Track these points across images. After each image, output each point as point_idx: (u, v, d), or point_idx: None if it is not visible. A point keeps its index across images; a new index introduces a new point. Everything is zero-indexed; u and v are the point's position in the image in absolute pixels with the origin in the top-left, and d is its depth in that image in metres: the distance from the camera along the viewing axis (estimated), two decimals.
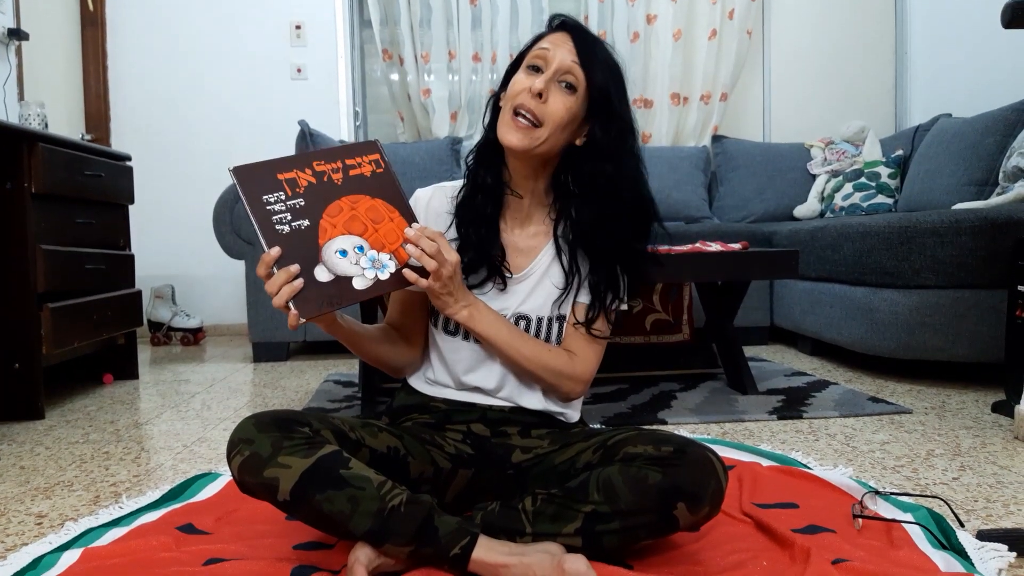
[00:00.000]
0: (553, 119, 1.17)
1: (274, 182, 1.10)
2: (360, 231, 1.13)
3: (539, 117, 1.17)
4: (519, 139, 1.17)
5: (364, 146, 1.20)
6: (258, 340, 3.27)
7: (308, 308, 1.05)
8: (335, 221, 1.12)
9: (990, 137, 3.00)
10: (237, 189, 1.08)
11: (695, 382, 2.56)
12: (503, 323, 1.23)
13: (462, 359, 1.27)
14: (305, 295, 1.06)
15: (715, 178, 4.14)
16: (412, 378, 1.33)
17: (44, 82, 3.58)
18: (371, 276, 1.11)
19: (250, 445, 1.05)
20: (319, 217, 1.11)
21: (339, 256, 1.10)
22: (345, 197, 1.14)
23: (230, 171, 1.08)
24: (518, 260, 1.28)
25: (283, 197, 1.09)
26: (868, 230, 2.53)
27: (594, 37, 1.22)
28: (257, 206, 1.07)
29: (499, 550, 1.05)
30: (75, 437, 2.05)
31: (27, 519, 1.44)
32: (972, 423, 2.01)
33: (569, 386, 1.27)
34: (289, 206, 1.09)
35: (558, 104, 1.17)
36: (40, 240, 2.28)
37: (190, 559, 1.16)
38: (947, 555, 1.14)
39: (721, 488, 1.07)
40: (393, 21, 4.05)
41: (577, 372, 1.27)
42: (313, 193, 1.12)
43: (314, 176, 1.13)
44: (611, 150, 1.20)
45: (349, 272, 1.10)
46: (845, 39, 4.31)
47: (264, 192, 1.09)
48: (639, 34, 4.14)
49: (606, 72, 1.19)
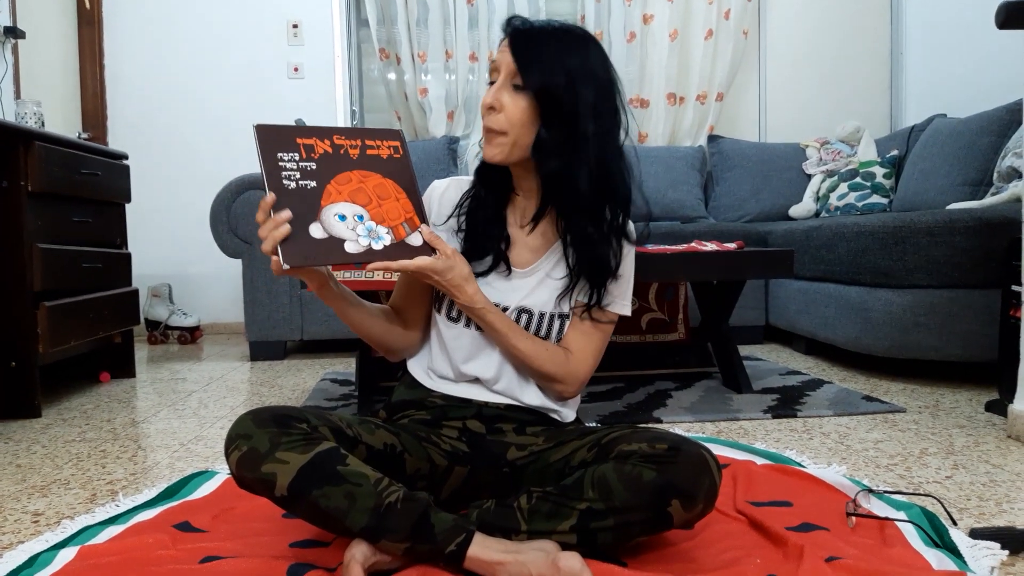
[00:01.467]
0: (512, 122, 1.18)
1: (292, 144, 1.16)
2: (364, 202, 1.17)
3: (500, 127, 1.19)
4: (492, 153, 1.21)
5: (387, 132, 1.26)
6: (255, 339, 3.27)
7: (293, 257, 1.09)
8: (341, 188, 1.16)
9: (985, 137, 3.02)
10: (256, 144, 1.13)
11: (690, 381, 2.57)
12: (505, 317, 1.25)
13: (462, 346, 1.28)
14: (293, 245, 1.09)
15: (711, 178, 4.14)
16: (413, 367, 1.35)
17: (41, 80, 3.57)
18: (364, 244, 1.14)
19: (248, 440, 1.06)
20: (327, 182, 1.16)
21: (337, 219, 1.13)
22: (357, 170, 1.19)
23: (254, 127, 1.13)
24: (525, 256, 1.29)
25: (297, 158, 1.15)
26: (863, 230, 2.54)
27: (541, 34, 1.19)
28: (270, 160, 1.12)
29: (495, 547, 1.06)
30: (72, 435, 2.06)
31: (23, 517, 1.44)
32: (965, 422, 2.02)
33: (561, 387, 1.29)
34: (301, 167, 1.15)
35: (511, 107, 1.18)
36: (37, 239, 2.28)
37: (186, 557, 1.17)
38: (940, 553, 1.15)
39: (715, 485, 1.08)
40: (390, 20, 4.06)
41: (572, 371, 1.28)
42: (327, 160, 1.17)
43: (331, 147, 1.19)
44: (557, 147, 1.18)
45: (343, 235, 1.13)
46: (841, 40, 4.32)
47: (280, 150, 1.14)
48: (636, 34, 4.15)
49: (549, 68, 1.16)
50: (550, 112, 1.17)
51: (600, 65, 1.20)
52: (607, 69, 1.21)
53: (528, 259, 1.30)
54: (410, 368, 1.36)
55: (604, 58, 1.22)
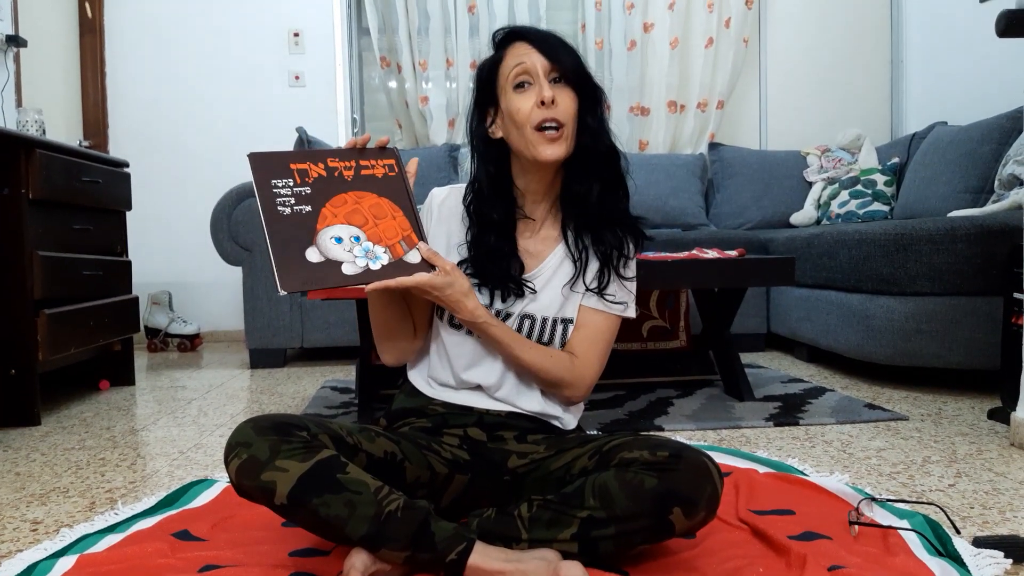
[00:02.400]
0: (569, 114, 1.22)
1: (286, 170, 1.16)
2: (360, 223, 1.18)
3: (560, 119, 1.21)
4: (557, 149, 1.21)
5: (382, 152, 1.26)
6: (255, 346, 3.26)
7: (290, 283, 1.10)
8: (337, 211, 1.17)
9: (986, 145, 3.02)
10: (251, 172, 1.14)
11: (692, 389, 2.57)
12: (507, 328, 1.25)
13: (464, 353, 1.28)
14: (290, 271, 1.10)
15: (712, 185, 4.15)
16: (414, 376, 1.34)
17: (42, 89, 3.58)
18: (362, 264, 1.14)
19: (248, 448, 1.05)
20: (322, 205, 1.16)
21: (333, 242, 1.14)
22: (351, 192, 1.20)
23: (248, 156, 1.15)
24: (528, 262, 1.30)
25: (291, 184, 1.16)
26: (864, 237, 2.54)
27: (545, 33, 1.26)
28: (264, 188, 1.13)
29: (495, 556, 1.06)
30: (71, 443, 2.05)
31: (22, 525, 1.44)
32: (968, 430, 2.01)
33: (569, 391, 1.29)
34: (295, 192, 1.15)
35: (564, 99, 1.22)
36: (37, 246, 2.28)
37: (186, 566, 1.16)
38: (943, 562, 1.14)
39: (717, 493, 1.07)
40: (391, 29, 4.07)
41: (578, 375, 1.28)
42: (321, 184, 1.18)
43: (325, 170, 1.19)
44: (598, 116, 1.25)
45: (340, 258, 1.14)
46: (841, 47, 4.33)
47: (274, 177, 1.15)
48: (636, 42, 4.16)
49: (567, 50, 1.24)
50: (588, 99, 1.23)
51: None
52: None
53: (530, 264, 1.30)
54: (411, 378, 1.35)
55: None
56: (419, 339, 1.34)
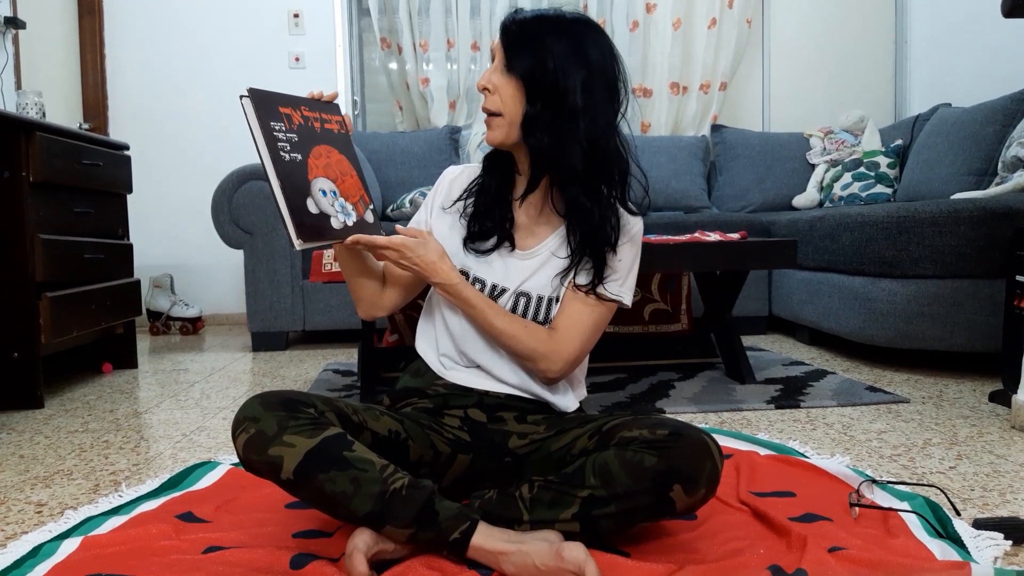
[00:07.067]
0: (507, 103, 1.22)
1: (277, 113, 1.15)
2: (333, 178, 1.19)
3: (496, 107, 1.23)
4: (492, 135, 1.25)
5: (332, 107, 1.27)
6: (257, 329, 3.27)
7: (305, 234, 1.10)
8: (318, 163, 1.17)
9: (989, 127, 3.00)
10: (249, 111, 1.10)
11: (693, 371, 2.57)
12: (481, 295, 1.26)
13: (459, 325, 1.29)
14: (304, 222, 1.10)
15: (714, 168, 4.13)
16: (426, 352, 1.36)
17: (42, 71, 3.56)
18: (341, 220, 1.16)
19: (256, 423, 1.06)
20: (307, 155, 1.16)
21: (321, 194, 1.15)
22: (322, 145, 1.20)
23: (247, 92, 1.11)
24: (528, 240, 1.30)
25: (283, 128, 1.14)
26: (867, 220, 2.53)
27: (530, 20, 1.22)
28: (267, 130, 1.11)
29: (498, 537, 1.06)
30: (74, 426, 2.06)
31: (27, 508, 1.45)
32: (969, 412, 2.01)
33: (544, 364, 1.26)
34: (287, 138, 1.14)
35: (505, 88, 1.22)
36: (38, 229, 2.27)
37: (189, 547, 1.17)
38: (943, 543, 1.15)
39: (717, 469, 1.08)
40: (391, 9, 4.04)
41: (555, 349, 1.25)
42: (302, 133, 1.17)
43: (302, 119, 1.19)
44: (545, 124, 1.20)
45: (328, 211, 1.15)
46: (845, 28, 4.30)
47: (271, 119, 1.13)
48: (638, 23, 4.13)
49: (532, 49, 1.19)
50: (534, 90, 1.20)
51: (594, 46, 1.21)
52: (603, 51, 1.22)
53: (531, 243, 1.30)
54: (421, 352, 1.36)
55: (600, 41, 1.23)
56: (388, 296, 1.36)
